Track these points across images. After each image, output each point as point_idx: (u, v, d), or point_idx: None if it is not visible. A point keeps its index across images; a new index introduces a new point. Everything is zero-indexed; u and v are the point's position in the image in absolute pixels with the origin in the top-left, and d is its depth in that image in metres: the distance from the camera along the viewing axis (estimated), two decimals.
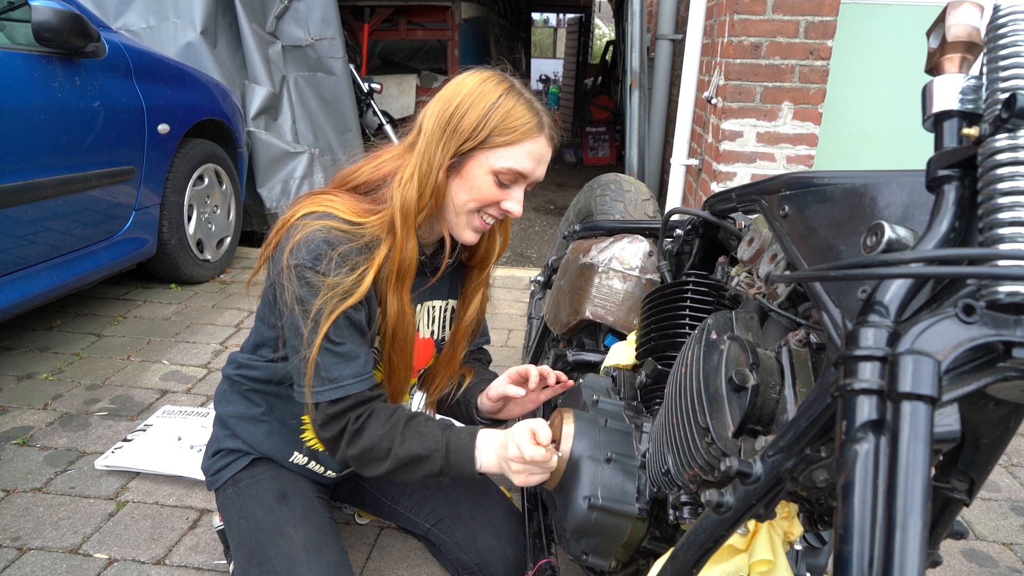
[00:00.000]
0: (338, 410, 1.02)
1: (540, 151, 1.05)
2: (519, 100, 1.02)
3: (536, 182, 1.09)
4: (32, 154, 2.09)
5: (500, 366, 2.38)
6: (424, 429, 1.05)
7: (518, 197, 1.06)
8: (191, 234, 3.02)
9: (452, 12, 5.50)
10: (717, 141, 2.93)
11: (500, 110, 1.00)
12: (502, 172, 1.02)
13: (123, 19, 3.62)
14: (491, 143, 1.01)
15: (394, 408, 1.07)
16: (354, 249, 1.01)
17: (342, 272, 0.99)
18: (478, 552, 1.23)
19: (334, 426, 1.03)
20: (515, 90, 1.04)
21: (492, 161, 1.02)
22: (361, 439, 1.02)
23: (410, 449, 1.02)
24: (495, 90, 1.02)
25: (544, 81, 13.56)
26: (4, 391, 2.07)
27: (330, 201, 1.04)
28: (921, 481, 0.43)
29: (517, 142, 1.01)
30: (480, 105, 1.01)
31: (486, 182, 1.03)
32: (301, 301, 0.99)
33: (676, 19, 3.99)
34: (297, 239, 0.99)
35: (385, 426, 1.03)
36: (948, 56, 0.56)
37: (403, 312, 1.08)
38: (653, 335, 1.16)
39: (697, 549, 0.69)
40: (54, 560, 1.41)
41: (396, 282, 1.05)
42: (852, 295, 0.59)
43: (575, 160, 7.74)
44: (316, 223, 1.00)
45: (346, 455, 1.04)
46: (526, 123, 1.02)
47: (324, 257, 0.98)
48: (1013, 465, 1.96)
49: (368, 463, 1.04)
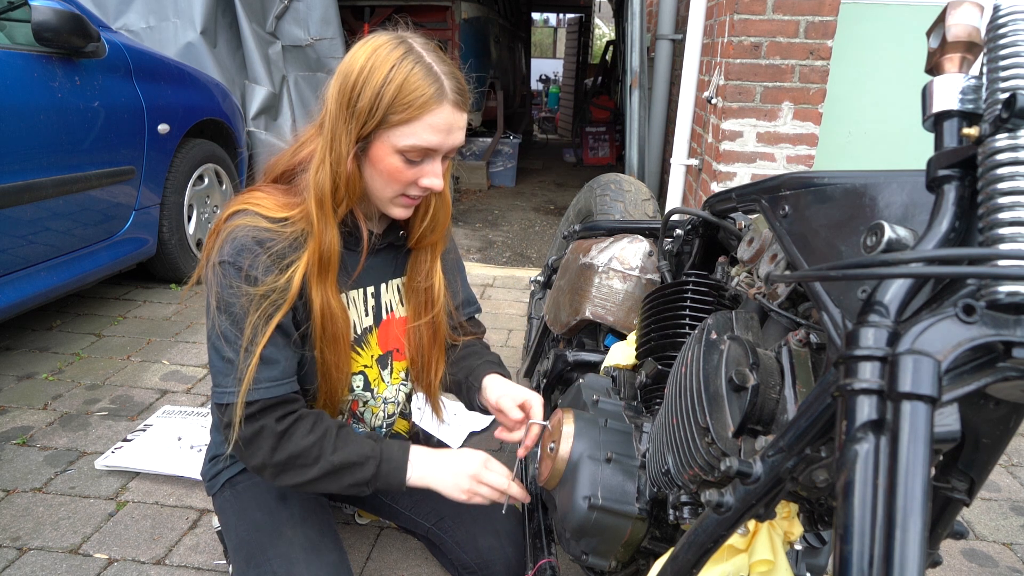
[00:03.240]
0: (250, 412, 0.98)
1: (446, 120, 0.96)
2: (415, 67, 0.93)
3: (455, 150, 1.01)
4: (32, 154, 2.09)
5: None
6: (357, 438, 1.04)
7: (435, 171, 1.00)
8: (191, 234, 3.02)
9: (452, 12, 5.50)
10: (717, 141, 2.93)
11: (393, 84, 0.92)
12: (407, 151, 0.95)
13: (123, 19, 3.63)
14: (389, 122, 0.93)
15: (318, 414, 1.05)
16: (283, 248, 0.98)
17: (271, 275, 0.97)
18: (478, 552, 1.23)
19: (245, 429, 0.98)
20: (411, 55, 0.94)
21: (394, 140, 0.95)
22: (289, 444, 0.99)
23: (343, 456, 1.01)
24: (387, 60, 0.93)
25: (544, 81, 13.55)
26: (4, 391, 2.07)
27: (254, 198, 1.01)
28: (921, 481, 0.43)
29: (416, 117, 0.93)
30: (372, 81, 0.92)
31: (394, 163, 0.97)
32: (225, 303, 0.96)
33: (676, 19, 3.99)
34: (222, 239, 0.98)
35: (315, 433, 1.01)
36: (948, 56, 0.56)
37: (328, 306, 1.03)
38: (653, 335, 1.16)
39: (697, 549, 0.69)
40: (54, 560, 1.41)
41: (318, 275, 1.01)
42: (852, 295, 0.59)
43: (575, 160, 7.74)
44: (240, 222, 0.98)
45: (269, 461, 0.99)
46: (422, 94, 0.92)
47: (250, 255, 0.96)
48: (1013, 465, 1.96)
49: (291, 470, 1.00)
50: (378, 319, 1.18)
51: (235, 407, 0.97)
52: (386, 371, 1.22)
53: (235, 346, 0.97)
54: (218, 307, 0.97)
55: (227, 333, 0.97)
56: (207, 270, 0.99)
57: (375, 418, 1.25)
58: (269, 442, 0.99)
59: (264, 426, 0.99)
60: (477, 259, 3.95)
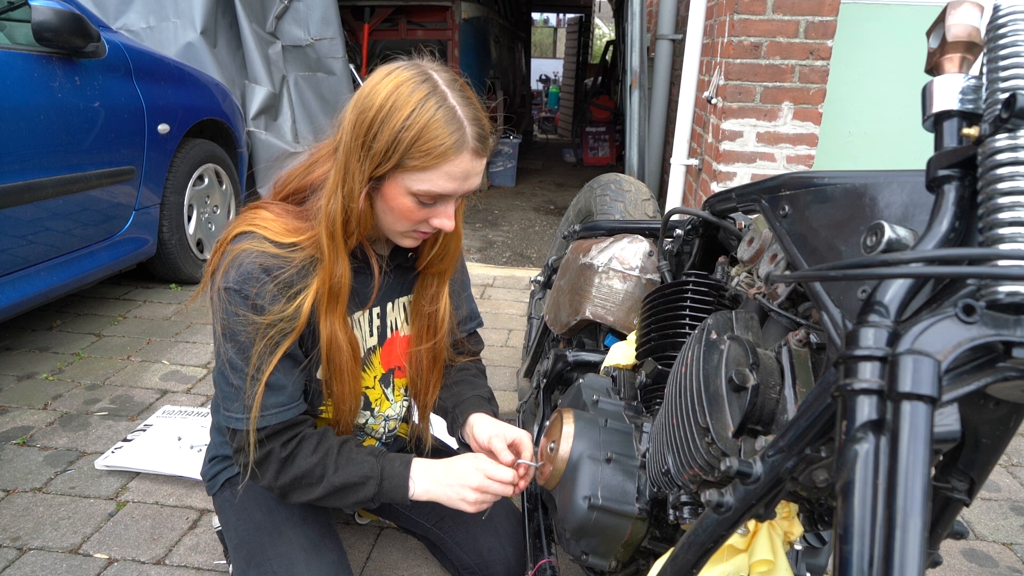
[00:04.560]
0: (258, 438, 0.98)
1: (463, 169, 0.93)
2: (438, 110, 0.89)
3: (469, 193, 0.99)
4: (32, 154, 2.09)
5: (500, 366, 2.39)
6: (357, 456, 1.04)
7: (447, 213, 0.98)
8: (191, 234, 3.02)
9: (452, 12, 5.50)
10: (717, 141, 2.93)
11: (413, 129, 0.88)
12: (421, 195, 0.93)
13: (123, 19, 3.63)
14: (405, 166, 0.91)
15: (322, 432, 1.05)
16: (290, 275, 0.96)
17: (279, 303, 0.95)
18: (478, 552, 1.23)
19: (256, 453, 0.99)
20: (435, 96, 0.90)
21: (409, 184, 0.92)
22: (292, 467, 1.01)
23: (345, 476, 1.02)
24: (409, 101, 0.89)
25: (544, 81, 13.55)
26: (4, 391, 2.07)
27: (261, 219, 0.98)
28: (921, 481, 0.43)
29: (434, 166, 0.90)
30: (391, 122, 0.88)
31: (407, 203, 0.94)
32: (231, 331, 0.95)
33: (676, 19, 3.99)
34: (227, 263, 0.96)
35: (317, 453, 1.02)
36: (948, 56, 0.56)
37: (335, 339, 1.02)
38: (653, 335, 1.16)
39: (697, 549, 0.69)
40: (54, 560, 1.41)
41: (328, 306, 0.99)
42: (852, 295, 0.59)
43: (575, 160, 7.74)
44: (247, 245, 0.95)
45: (275, 484, 1.02)
46: (442, 143, 0.89)
47: (256, 283, 0.94)
48: (1013, 465, 1.96)
49: (298, 489, 1.03)
50: (382, 338, 1.17)
51: (245, 434, 0.98)
52: (388, 389, 1.22)
53: (241, 374, 0.97)
54: (224, 335, 0.97)
55: (233, 361, 0.97)
56: (212, 293, 0.98)
57: (375, 433, 1.25)
58: (274, 467, 1.01)
59: (271, 451, 1.00)
60: (477, 259, 3.95)
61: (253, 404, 0.97)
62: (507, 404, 2.14)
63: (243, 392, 0.97)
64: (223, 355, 0.97)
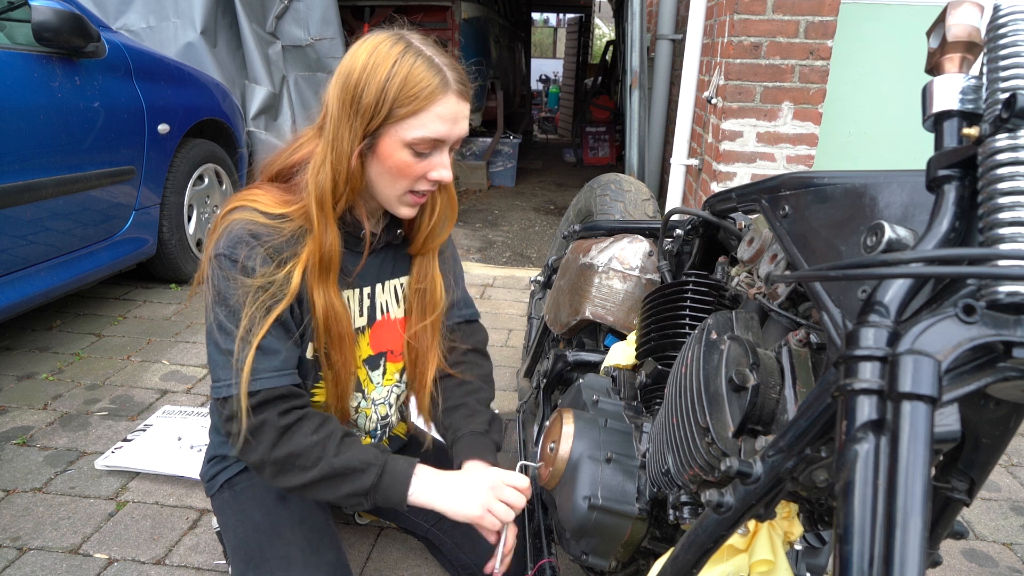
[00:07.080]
0: (252, 403, 0.96)
1: (452, 110, 0.97)
2: (417, 60, 0.94)
3: (460, 140, 1.02)
4: (32, 154, 2.09)
5: (500, 366, 2.39)
6: (361, 445, 1.03)
7: (444, 162, 1.01)
8: (191, 234, 3.02)
9: (452, 12, 5.50)
10: (717, 141, 2.93)
11: (397, 78, 0.93)
12: (416, 143, 0.96)
13: (123, 19, 3.63)
14: (396, 116, 0.94)
15: (326, 416, 1.04)
16: (279, 243, 0.98)
17: (268, 267, 0.97)
18: (477, 552, 1.23)
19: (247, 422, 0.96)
20: (411, 49, 0.95)
21: (403, 134, 0.95)
22: (291, 442, 0.97)
23: (346, 460, 0.98)
24: (388, 56, 0.94)
25: (544, 81, 13.55)
26: (4, 391, 2.07)
27: (252, 195, 1.01)
28: (921, 481, 0.43)
29: (423, 108, 0.94)
30: (376, 77, 0.93)
31: (403, 157, 0.97)
32: (222, 295, 0.96)
33: (676, 19, 3.99)
34: (219, 234, 0.98)
35: (319, 433, 0.99)
36: (948, 56, 0.56)
37: (332, 306, 1.03)
38: (653, 335, 1.16)
39: (697, 549, 0.69)
40: (54, 560, 1.41)
41: (319, 276, 1.01)
42: (852, 295, 0.59)
43: (575, 160, 7.74)
44: (237, 216, 0.98)
45: (268, 457, 0.97)
46: (427, 85, 0.94)
47: (245, 247, 0.96)
48: (1013, 465, 1.96)
49: (291, 470, 0.98)
50: (372, 319, 1.17)
51: (236, 399, 0.95)
52: (376, 372, 1.20)
53: (232, 337, 0.96)
54: (215, 299, 0.97)
55: (224, 324, 0.96)
56: (205, 268, 0.99)
57: (368, 421, 1.24)
58: (271, 436, 0.97)
59: (266, 420, 0.97)
60: (477, 259, 3.95)
61: (244, 367, 0.95)
62: (507, 404, 2.14)
63: (233, 356, 0.96)
64: (214, 321, 0.97)
